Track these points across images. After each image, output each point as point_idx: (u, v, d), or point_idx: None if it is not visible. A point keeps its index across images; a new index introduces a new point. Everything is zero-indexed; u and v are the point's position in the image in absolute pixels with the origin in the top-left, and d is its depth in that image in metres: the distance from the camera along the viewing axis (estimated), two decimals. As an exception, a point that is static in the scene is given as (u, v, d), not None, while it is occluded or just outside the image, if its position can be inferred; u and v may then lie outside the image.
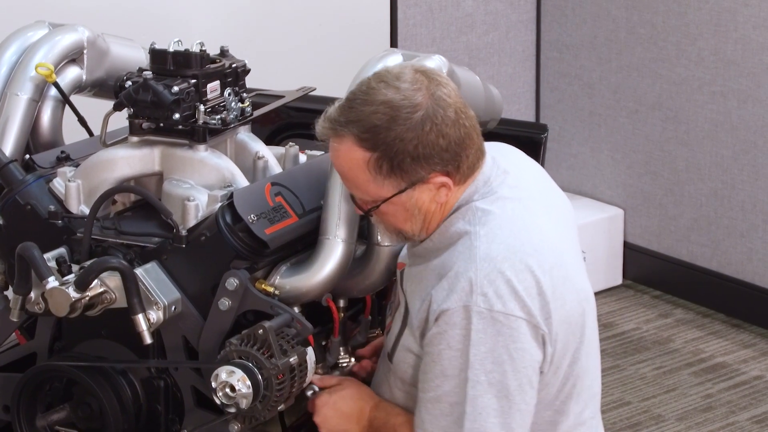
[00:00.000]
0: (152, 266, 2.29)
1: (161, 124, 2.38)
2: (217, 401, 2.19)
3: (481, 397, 2.12)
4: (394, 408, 2.30)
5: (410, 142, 2.12)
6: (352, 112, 2.15)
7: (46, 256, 2.27)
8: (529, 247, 2.17)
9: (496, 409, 2.13)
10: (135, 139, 2.42)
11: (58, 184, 2.44)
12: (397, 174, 2.15)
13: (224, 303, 2.25)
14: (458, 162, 2.17)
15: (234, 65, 2.48)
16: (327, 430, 2.30)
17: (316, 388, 2.31)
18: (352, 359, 2.49)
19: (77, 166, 2.47)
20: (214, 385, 2.18)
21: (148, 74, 2.38)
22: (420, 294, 2.21)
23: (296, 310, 2.30)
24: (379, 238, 2.37)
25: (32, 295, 2.26)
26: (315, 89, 2.86)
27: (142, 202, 2.43)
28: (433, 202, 2.20)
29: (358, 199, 2.23)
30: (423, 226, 2.23)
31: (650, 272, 4.93)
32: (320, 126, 2.20)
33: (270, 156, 2.50)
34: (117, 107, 2.41)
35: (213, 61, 2.46)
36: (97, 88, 2.80)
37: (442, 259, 2.20)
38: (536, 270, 2.15)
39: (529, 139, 3.11)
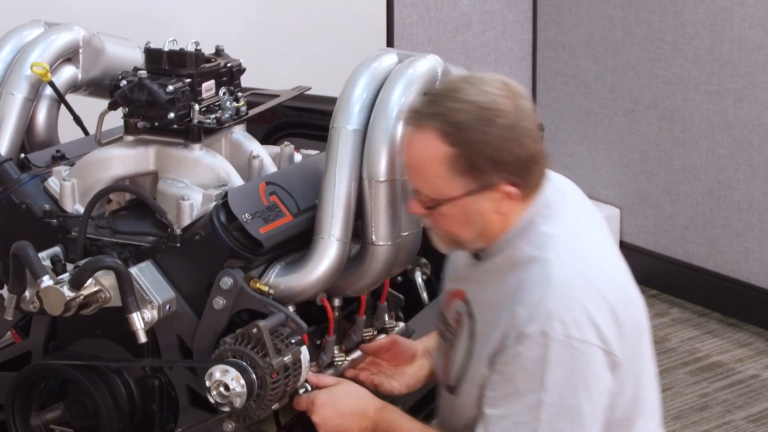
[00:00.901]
0: (147, 265, 2.29)
1: (156, 124, 2.39)
2: (212, 400, 2.19)
3: (555, 420, 2.13)
4: (403, 416, 2.29)
5: (491, 145, 2.12)
6: (438, 106, 2.15)
7: (41, 255, 2.28)
8: (597, 271, 2.20)
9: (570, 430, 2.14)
10: (130, 138, 2.42)
11: (53, 183, 2.44)
12: (471, 174, 2.14)
13: (219, 302, 2.25)
14: (527, 176, 2.17)
15: (229, 64, 2.49)
16: (326, 430, 2.30)
17: (309, 387, 2.31)
18: (347, 358, 2.50)
19: (72, 165, 2.48)
20: (208, 384, 2.19)
21: (143, 73, 2.39)
22: (493, 320, 2.20)
23: (291, 309, 2.31)
24: (373, 237, 2.37)
25: (27, 294, 2.27)
26: (310, 88, 2.86)
27: (137, 201, 2.43)
28: (495, 213, 2.19)
29: (422, 195, 2.20)
30: (480, 234, 2.22)
31: (646, 271, 4.93)
32: (405, 113, 2.23)
33: (265, 155, 2.50)
34: (112, 106, 2.41)
35: (208, 60, 2.46)
36: (93, 87, 2.80)
37: (513, 285, 2.19)
38: (607, 294, 2.17)
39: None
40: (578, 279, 2.16)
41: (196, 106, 2.38)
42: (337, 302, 2.45)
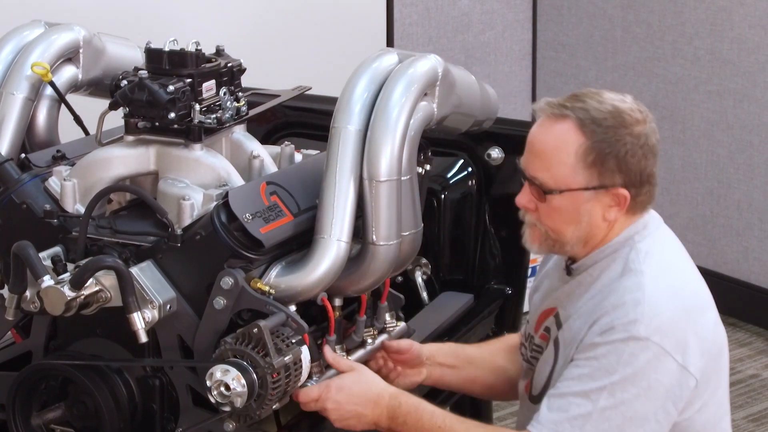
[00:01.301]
0: (147, 265, 2.29)
1: (157, 124, 2.39)
2: (212, 400, 2.20)
3: (611, 410, 2.18)
4: (421, 402, 2.32)
5: (624, 146, 2.23)
6: (581, 102, 2.26)
7: (42, 255, 2.27)
8: (687, 292, 2.29)
9: (617, 425, 2.19)
10: (130, 138, 2.42)
11: (53, 183, 2.44)
12: (596, 169, 2.23)
13: (219, 302, 2.25)
14: (640, 190, 2.27)
15: (229, 64, 2.49)
16: (339, 415, 2.30)
17: (315, 380, 2.32)
18: (349, 358, 2.50)
19: (73, 165, 2.47)
20: (209, 383, 2.19)
21: (144, 73, 2.38)
22: (581, 323, 2.27)
23: (292, 308, 2.31)
24: (374, 237, 2.36)
25: (28, 293, 2.26)
26: (310, 88, 2.86)
27: (138, 201, 2.43)
28: (602, 218, 2.27)
29: (540, 182, 2.26)
30: (581, 238, 2.29)
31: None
32: (541, 104, 2.30)
33: (265, 155, 2.50)
34: (112, 106, 2.41)
35: (208, 60, 2.46)
36: (93, 87, 2.80)
37: (605, 292, 2.26)
38: (693, 314, 2.26)
39: (525, 138, 3.11)
40: (670, 294, 2.24)
41: (197, 106, 2.38)
42: (337, 302, 2.45)
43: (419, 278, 2.97)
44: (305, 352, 2.24)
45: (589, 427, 2.19)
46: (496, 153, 3.09)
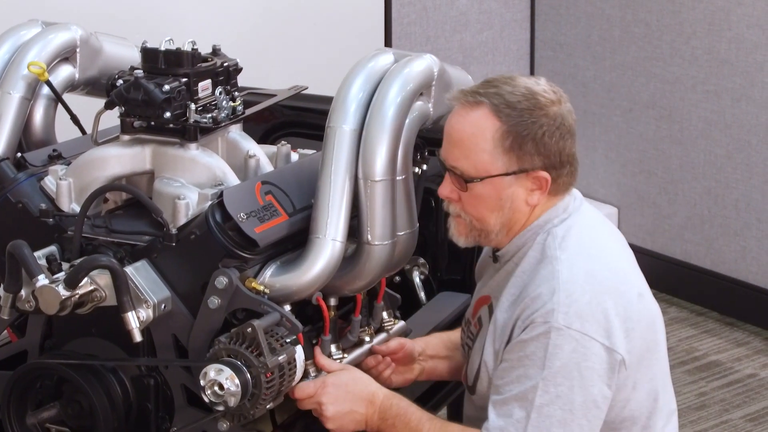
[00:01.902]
0: (142, 264, 2.29)
1: (152, 123, 2.39)
2: (206, 399, 2.20)
3: (547, 407, 2.18)
4: (412, 405, 2.32)
5: (540, 128, 2.23)
6: (494, 88, 2.26)
7: (37, 254, 2.27)
8: (607, 272, 2.27)
9: (559, 420, 2.18)
10: (126, 137, 2.42)
11: (49, 182, 2.44)
12: (514, 153, 2.23)
13: (214, 301, 2.25)
14: (560, 171, 2.27)
15: (225, 64, 2.49)
16: (334, 410, 2.31)
17: (313, 376, 2.33)
18: (345, 356, 2.50)
19: (69, 164, 2.48)
20: (202, 383, 2.19)
21: (140, 73, 2.39)
22: (506, 317, 2.27)
23: (287, 308, 2.31)
24: (369, 237, 2.37)
25: (23, 293, 2.27)
26: (307, 88, 2.86)
27: (133, 200, 2.43)
28: (524, 203, 2.28)
29: (461, 171, 2.26)
30: (505, 224, 2.29)
31: (644, 271, 4.92)
32: (455, 93, 2.29)
33: (261, 155, 2.50)
34: (108, 106, 2.41)
35: (204, 59, 2.46)
36: (90, 86, 2.80)
37: (524, 282, 2.27)
38: (615, 294, 2.24)
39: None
40: (586, 278, 2.23)
41: (193, 106, 2.38)
42: (332, 301, 2.45)
43: (417, 278, 2.97)
44: (299, 352, 2.24)
45: (531, 428, 2.18)
46: (492, 153, 3.08)
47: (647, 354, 2.30)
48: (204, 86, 2.43)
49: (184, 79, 2.39)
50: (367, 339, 2.57)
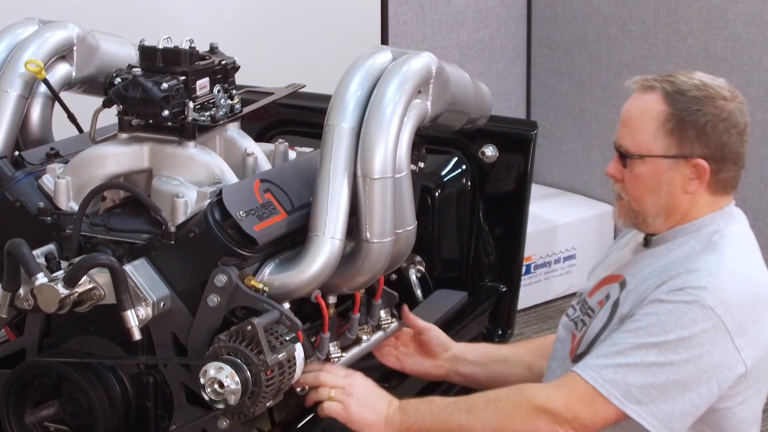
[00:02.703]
0: (141, 263, 2.29)
1: (150, 121, 2.39)
2: (206, 397, 2.20)
3: (656, 367, 2.20)
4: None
5: (704, 117, 2.29)
6: (671, 77, 2.34)
7: (35, 252, 2.27)
8: (763, 283, 2.32)
9: (659, 385, 2.20)
10: (124, 135, 2.42)
11: (47, 180, 2.44)
12: (675, 137, 2.29)
13: (213, 299, 2.25)
14: (722, 167, 2.32)
15: (223, 62, 2.49)
16: (361, 397, 2.32)
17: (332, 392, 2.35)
18: (343, 355, 2.50)
19: (66, 162, 2.47)
20: (202, 381, 2.19)
21: (138, 71, 2.39)
22: (649, 281, 2.30)
23: (286, 306, 2.31)
24: (368, 234, 2.36)
25: (21, 291, 2.27)
26: (305, 86, 2.86)
27: (132, 198, 2.43)
28: (682, 190, 2.32)
29: (624, 149, 2.33)
30: (662, 209, 2.33)
31: (641, 269, 4.94)
32: (635, 79, 2.38)
33: (259, 153, 2.50)
34: (106, 104, 2.41)
35: (202, 57, 2.46)
36: (87, 84, 2.80)
37: (682, 257, 2.30)
38: (763, 305, 2.28)
39: (520, 136, 3.12)
40: (743, 279, 2.27)
41: (191, 104, 2.38)
42: (331, 299, 2.45)
43: (413, 276, 2.97)
44: (299, 350, 2.25)
45: (632, 378, 2.21)
46: (490, 151, 3.09)
47: (763, 378, 2.32)
48: (202, 84, 2.43)
49: (182, 78, 2.39)
50: (365, 337, 2.57)
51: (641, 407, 2.21)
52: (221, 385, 2.17)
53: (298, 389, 2.35)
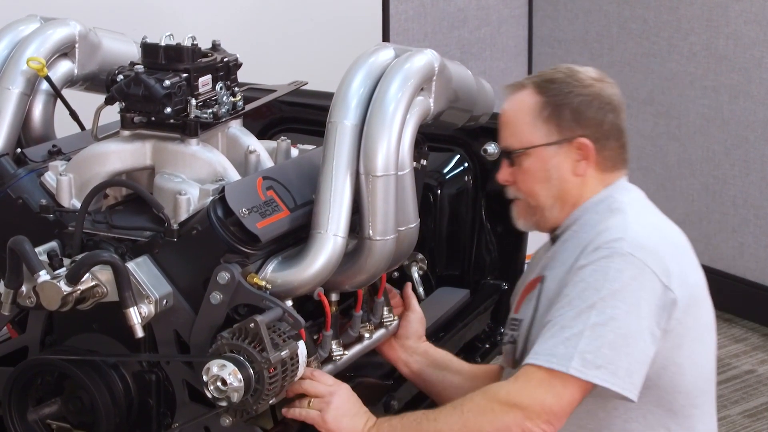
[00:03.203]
0: (144, 260, 2.29)
1: (153, 118, 2.38)
2: (209, 395, 2.19)
3: (601, 326, 2.20)
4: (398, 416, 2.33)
5: (576, 97, 2.35)
6: (539, 73, 2.43)
7: (38, 249, 2.27)
8: (671, 233, 2.37)
9: (610, 342, 2.20)
10: (126, 133, 2.42)
11: (49, 178, 2.44)
12: (554, 122, 2.35)
13: (216, 297, 2.25)
14: (605, 144, 2.36)
15: (226, 59, 2.48)
16: (342, 405, 2.30)
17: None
18: (346, 353, 2.50)
19: (69, 160, 2.47)
20: (205, 378, 2.18)
21: (140, 68, 2.38)
22: (565, 266, 2.30)
23: (288, 303, 2.30)
24: (370, 232, 2.36)
25: (24, 288, 2.26)
26: (307, 83, 2.86)
27: (134, 196, 2.43)
28: (571, 173, 2.36)
29: (509, 148, 2.38)
30: (557, 197, 2.36)
31: (642, 267, 4.94)
32: (504, 85, 2.44)
33: (262, 150, 2.50)
34: (108, 101, 2.41)
35: (204, 55, 2.46)
36: (89, 82, 2.80)
37: (590, 234, 2.31)
38: (675, 247, 2.33)
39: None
40: (653, 229, 2.32)
41: (193, 101, 2.38)
42: (334, 297, 2.45)
43: (415, 273, 2.97)
44: (302, 347, 2.24)
45: (582, 345, 2.19)
46: (492, 148, 3.09)
47: (695, 314, 2.31)
48: (204, 81, 2.43)
49: (185, 75, 2.38)
50: (367, 335, 2.57)
51: (601, 371, 2.19)
52: (224, 382, 2.17)
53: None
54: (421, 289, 2.95)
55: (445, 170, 3.16)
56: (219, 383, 2.17)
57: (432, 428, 2.25)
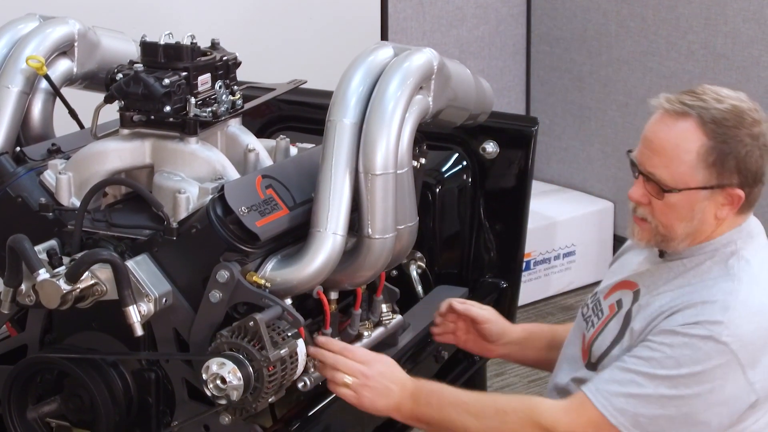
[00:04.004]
0: (143, 258, 2.29)
1: (152, 117, 2.39)
2: (208, 393, 2.20)
3: (667, 399, 2.20)
4: (442, 384, 2.35)
5: (744, 147, 2.24)
6: (701, 101, 2.26)
7: (37, 248, 2.27)
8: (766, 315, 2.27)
9: (668, 417, 2.20)
10: (126, 131, 2.42)
11: (48, 176, 2.44)
12: (716, 169, 2.24)
13: (215, 295, 2.25)
14: (753, 189, 2.29)
15: (225, 58, 2.49)
16: (372, 386, 2.31)
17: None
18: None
19: (68, 158, 2.48)
20: (204, 377, 2.19)
21: (139, 67, 2.39)
22: (663, 303, 2.28)
23: (288, 302, 2.31)
24: (369, 230, 2.37)
25: (23, 287, 2.26)
26: (306, 82, 2.86)
27: (133, 194, 2.43)
28: (713, 216, 2.29)
29: (658, 179, 2.27)
30: (690, 234, 2.30)
31: (640, 265, 4.94)
32: (660, 99, 2.30)
33: (261, 149, 2.50)
34: (108, 100, 2.41)
35: (204, 53, 2.46)
36: (88, 80, 2.80)
37: (694, 283, 2.28)
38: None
39: (520, 132, 3.12)
40: (759, 309, 2.24)
41: (192, 100, 2.38)
42: (333, 295, 2.45)
43: (414, 272, 2.97)
44: (301, 345, 2.25)
45: (642, 409, 2.20)
46: (490, 147, 3.10)
47: None
48: (203, 80, 2.43)
49: (184, 73, 2.39)
50: (367, 333, 2.57)
51: None
52: (223, 380, 2.17)
53: (303, 383, 2.33)
54: (419, 288, 2.96)
55: (444, 169, 3.16)
56: (218, 381, 2.18)
57: (470, 423, 2.28)
